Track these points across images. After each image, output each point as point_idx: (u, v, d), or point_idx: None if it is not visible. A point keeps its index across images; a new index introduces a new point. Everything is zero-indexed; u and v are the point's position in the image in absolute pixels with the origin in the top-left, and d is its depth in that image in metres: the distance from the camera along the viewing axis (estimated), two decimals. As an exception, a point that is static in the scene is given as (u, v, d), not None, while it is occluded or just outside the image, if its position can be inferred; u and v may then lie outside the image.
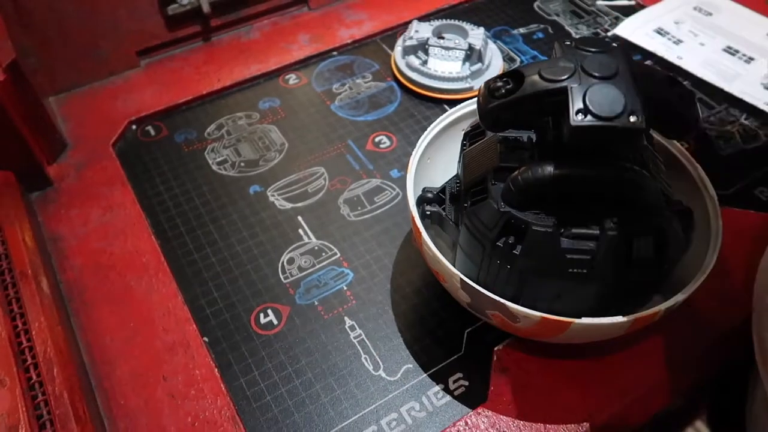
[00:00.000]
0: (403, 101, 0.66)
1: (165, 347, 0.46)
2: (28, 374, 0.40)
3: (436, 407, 0.43)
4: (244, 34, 0.73)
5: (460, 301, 0.42)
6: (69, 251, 0.51)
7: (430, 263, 0.41)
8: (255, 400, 0.43)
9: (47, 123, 0.58)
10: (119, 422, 0.42)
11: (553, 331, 0.38)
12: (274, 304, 0.49)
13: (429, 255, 0.40)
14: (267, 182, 0.58)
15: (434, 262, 0.40)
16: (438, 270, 0.40)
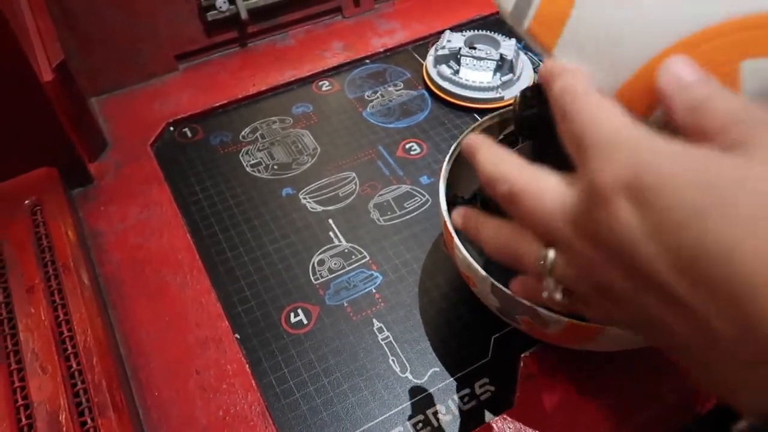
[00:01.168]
0: (434, 109, 0.67)
1: (197, 342, 0.47)
2: (69, 363, 0.42)
3: (462, 411, 0.43)
4: (279, 40, 0.75)
5: (489, 305, 0.43)
6: (108, 246, 0.53)
7: (461, 267, 0.42)
8: (284, 396, 0.44)
9: (90, 122, 0.60)
10: (153, 413, 0.43)
11: (583, 338, 0.38)
12: (304, 304, 0.50)
13: (460, 259, 0.41)
14: (299, 185, 0.59)
15: (465, 266, 0.40)
16: (469, 274, 0.41)
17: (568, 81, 0.24)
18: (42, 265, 0.47)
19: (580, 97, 0.23)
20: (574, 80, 0.24)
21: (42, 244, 0.49)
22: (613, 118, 0.22)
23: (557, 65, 0.26)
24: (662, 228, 0.19)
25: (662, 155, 0.20)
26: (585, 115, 0.23)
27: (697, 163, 0.19)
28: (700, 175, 0.18)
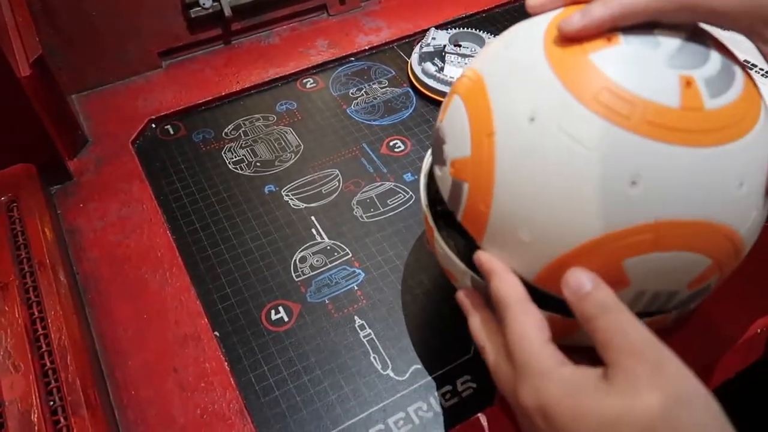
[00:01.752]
0: (418, 107, 0.66)
1: (177, 340, 0.46)
2: (42, 361, 0.41)
3: (444, 408, 0.43)
4: (263, 38, 0.75)
5: None
6: (86, 243, 0.52)
7: (442, 262, 0.42)
8: (264, 394, 0.44)
9: (70, 119, 0.59)
10: (129, 412, 0.42)
11: (562, 331, 0.38)
12: (285, 302, 0.49)
13: (441, 254, 0.40)
14: (282, 182, 0.59)
15: (446, 261, 0.40)
16: (450, 269, 0.40)
17: (500, 288, 0.32)
18: (17, 263, 0.46)
19: (510, 311, 0.31)
20: (504, 287, 0.32)
21: (18, 241, 0.48)
22: (532, 341, 0.30)
23: (489, 262, 0.34)
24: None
25: (557, 386, 0.28)
26: (513, 330, 0.31)
27: (573, 395, 0.27)
28: (576, 409, 0.27)
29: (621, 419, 0.25)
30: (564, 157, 0.30)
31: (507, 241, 0.33)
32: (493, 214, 0.33)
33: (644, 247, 0.30)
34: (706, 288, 0.34)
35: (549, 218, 0.31)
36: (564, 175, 0.30)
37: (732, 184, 0.30)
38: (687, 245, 0.30)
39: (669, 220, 0.29)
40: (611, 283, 0.30)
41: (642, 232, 0.29)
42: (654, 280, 0.31)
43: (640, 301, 0.33)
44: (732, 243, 0.32)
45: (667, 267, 0.31)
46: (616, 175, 0.29)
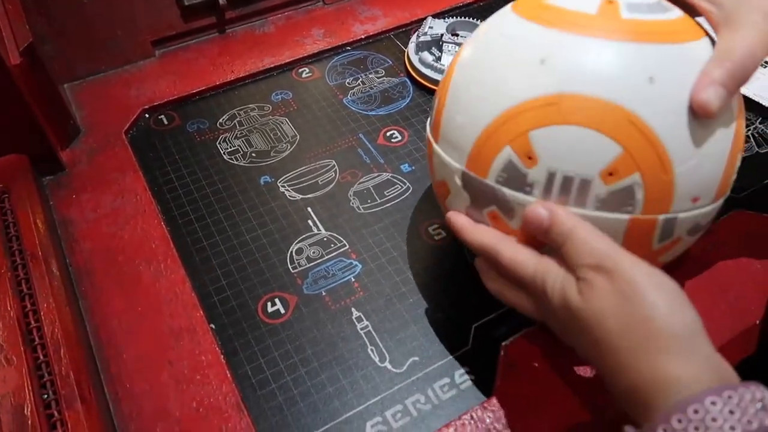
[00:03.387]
0: (415, 97, 0.66)
1: (172, 332, 0.46)
2: (35, 354, 0.40)
3: (442, 400, 0.43)
4: (258, 27, 0.74)
5: (458, 207, 0.40)
6: (79, 235, 0.52)
7: (437, 173, 0.41)
8: (260, 387, 0.43)
9: (62, 108, 0.58)
10: (124, 405, 0.42)
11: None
12: (281, 293, 0.49)
13: (437, 162, 0.40)
14: (277, 173, 0.58)
15: (440, 166, 0.40)
16: (444, 176, 0.39)
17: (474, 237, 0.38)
18: (9, 254, 0.46)
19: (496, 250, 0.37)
20: (478, 235, 0.38)
21: (9, 232, 0.47)
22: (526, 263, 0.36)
23: (456, 219, 0.40)
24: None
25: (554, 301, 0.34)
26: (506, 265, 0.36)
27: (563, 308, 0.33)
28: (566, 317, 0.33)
29: (590, 323, 0.31)
30: (494, 49, 0.37)
31: (449, 131, 0.39)
32: (445, 112, 0.39)
33: (549, 118, 0.33)
34: (629, 192, 0.33)
35: (477, 98, 0.36)
36: (490, 61, 0.37)
37: (640, 77, 0.33)
38: (590, 122, 0.32)
39: (571, 94, 0.33)
40: (524, 158, 0.34)
41: (546, 103, 0.33)
42: (561, 158, 0.33)
43: (553, 186, 0.34)
44: (645, 137, 0.32)
45: (572, 143, 0.33)
46: (528, 57, 0.34)
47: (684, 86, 0.33)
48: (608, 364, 0.31)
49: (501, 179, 0.35)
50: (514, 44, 0.36)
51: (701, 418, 0.26)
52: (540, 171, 0.34)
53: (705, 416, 0.26)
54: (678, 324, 0.30)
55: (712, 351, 0.30)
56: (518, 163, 0.34)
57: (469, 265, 0.50)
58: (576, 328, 0.33)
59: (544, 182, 0.34)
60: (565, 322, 0.34)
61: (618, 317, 0.30)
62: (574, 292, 0.32)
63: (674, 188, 0.34)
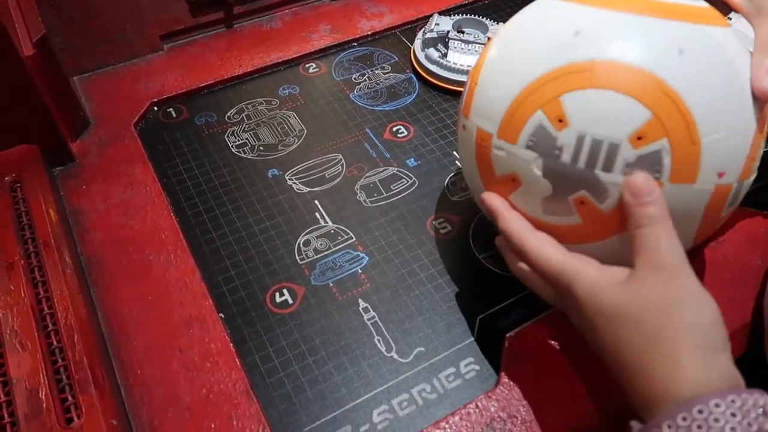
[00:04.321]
0: (421, 93, 0.67)
1: (181, 321, 0.46)
2: (49, 340, 0.41)
3: (447, 390, 0.44)
4: (266, 22, 0.74)
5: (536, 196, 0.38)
6: (89, 225, 0.52)
7: (499, 168, 0.39)
8: (269, 375, 0.44)
9: (72, 100, 0.59)
10: (135, 391, 0.42)
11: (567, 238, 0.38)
12: (289, 284, 0.49)
13: (501, 156, 0.39)
14: (285, 166, 0.59)
15: (508, 160, 0.38)
16: (511, 169, 0.38)
17: (507, 225, 0.39)
18: (22, 243, 0.46)
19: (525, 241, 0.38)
20: (510, 223, 0.39)
21: (22, 221, 0.48)
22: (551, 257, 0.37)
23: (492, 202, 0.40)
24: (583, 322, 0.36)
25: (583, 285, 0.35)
26: (534, 256, 0.37)
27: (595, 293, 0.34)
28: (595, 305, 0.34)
29: (621, 310, 0.32)
30: (528, 26, 0.39)
31: (481, 105, 0.40)
32: (477, 90, 0.40)
33: (581, 82, 0.34)
34: (657, 157, 0.34)
35: (510, 70, 0.38)
36: (525, 35, 0.39)
37: (670, 47, 0.34)
38: (621, 86, 0.34)
39: (604, 60, 0.34)
40: (555, 121, 0.35)
41: (580, 69, 0.35)
42: (591, 121, 0.34)
43: (582, 149, 0.34)
44: (674, 103, 0.33)
45: (602, 107, 0.34)
46: (562, 30, 0.36)
47: (712, 62, 0.35)
48: (627, 361, 0.32)
49: (531, 144, 0.36)
50: (549, 20, 0.38)
51: (704, 418, 0.27)
52: (570, 134, 0.35)
53: (708, 416, 0.27)
54: (709, 338, 0.31)
55: (730, 364, 0.31)
56: (549, 126, 0.35)
57: (476, 259, 0.51)
58: (602, 321, 0.33)
59: (573, 145, 0.35)
60: (589, 315, 0.34)
61: (659, 320, 0.31)
62: (615, 286, 0.33)
63: (701, 158, 0.34)
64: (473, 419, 0.41)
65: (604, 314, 0.33)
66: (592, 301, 0.34)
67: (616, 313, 0.33)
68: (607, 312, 0.33)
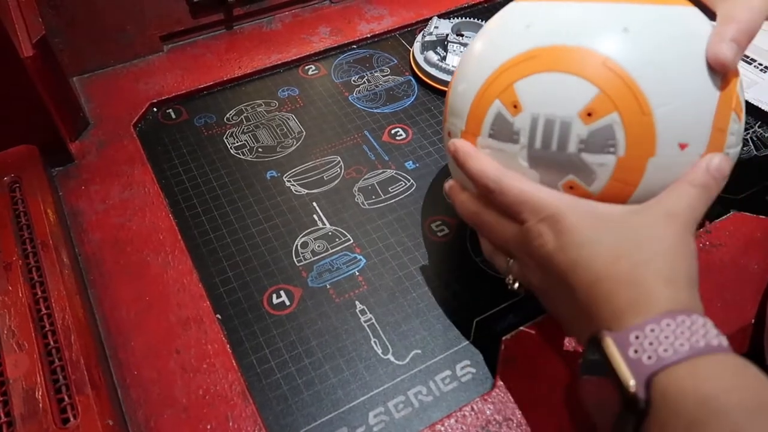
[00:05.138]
0: (420, 95, 0.67)
1: (179, 322, 0.46)
2: (46, 340, 0.41)
3: (443, 392, 0.44)
4: (265, 24, 0.75)
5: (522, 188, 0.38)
6: (88, 225, 0.52)
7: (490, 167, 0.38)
8: (265, 377, 0.44)
9: (72, 101, 0.59)
10: (132, 392, 0.43)
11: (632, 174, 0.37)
12: (286, 286, 0.50)
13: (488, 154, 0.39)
14: (284, 168, 0.59)
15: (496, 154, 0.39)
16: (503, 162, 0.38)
17: (479, 165, 0.38)
18: (20, 243, 0.46)
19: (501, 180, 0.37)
20: (481, 164, 0.38)
21: (20, 221, 0.48)
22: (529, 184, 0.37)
23: (461, 145, 0.40)
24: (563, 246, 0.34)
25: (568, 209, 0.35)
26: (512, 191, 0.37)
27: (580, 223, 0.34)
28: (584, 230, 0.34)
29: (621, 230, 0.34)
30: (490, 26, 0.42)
31: (454, 98, 0.41)
32: (453, 85, 0.42)
33: (530, 68, 0.36)
34: (609, 132, 0.34)
35: (474, 67, 0.40)
36: (486, 35, 0.41)
37: (614, 27, 0.36)
38: (566, 67, 0.35)
39: (550, 46, 0.36)
40: (510, 108, 0.37)
41: (528, 57, 0.36)
42: (542, 103, 0.36)
43: (537, 131, 0.36)
44: (619, 78, 0.34)
45: (551, 88, 0.36)
46: (516, 25, 0.39)
47: (662, 37, 0.36)
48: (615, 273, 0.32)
49: (492, 132, 0.38)
50: (508, 20, 0.41)
51: (656, 335, 0.30)
52: (524, 118, 0.36)
53: (659, 334, 0.30)
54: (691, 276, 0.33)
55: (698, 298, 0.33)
56: (505, 113, 0.37)
57: (473, 262, 0.51)
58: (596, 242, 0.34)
59: (528, 128, 0.36)
60: (578, 241, 0.34)
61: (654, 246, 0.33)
62: (613, 212, 0.35)
63: (656, 130, 0.35)
64: (469, 422, 0.41)
65: (603, 233, 0.33)
66: (591, 223, 0.34)
67: (616, 232, 0.33)
68: (607, 231, 0.34)
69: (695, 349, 0.29)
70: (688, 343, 0.29)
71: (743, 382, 0.28)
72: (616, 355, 0.30)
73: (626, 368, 0.30)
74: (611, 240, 0.33)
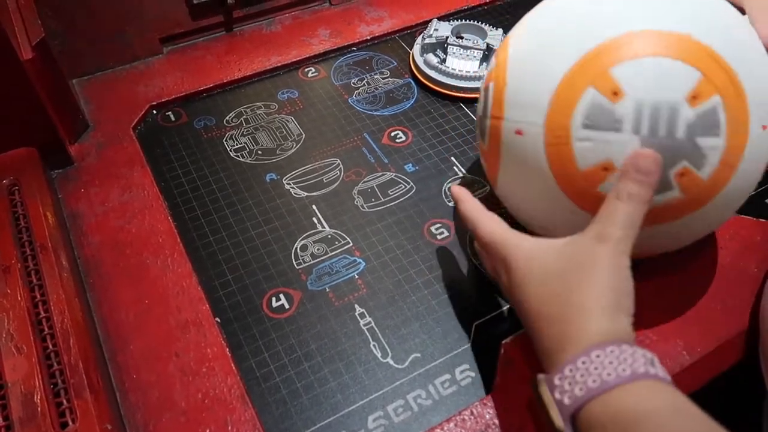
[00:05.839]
0: (420, 98, 0.67)
1: (178, 325, 0.46)
2: (45, 344, 0.41)
3: (443, 396, 0.44)
4: (265, 26, 0.75)
5: None
6: (87, 228, 0.52)
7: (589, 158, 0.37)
8: (264, 380, 0.44)
9: (71, 103, 0.59)
10: (131, 395, 0.43)
11: None
12: (286, 289, 0.49)
13: (588, 147, 0.37)
14: (283, 171, 0.59)
15: (599, 149, 0.36)
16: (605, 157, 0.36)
17: (465, 209, 0.42)
18: (19, 245, 0.46)
19: (477, 221, 0.41)
20: (467, 207, 0.42)
21: (19, 224, 0.48)
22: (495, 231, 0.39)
23: (457, 191, 0.43)
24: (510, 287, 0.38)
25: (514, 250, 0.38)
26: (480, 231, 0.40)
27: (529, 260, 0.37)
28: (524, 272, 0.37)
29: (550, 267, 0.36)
30: (552, 15, 0.40)
31: (521, 93, 0.39)
32: (509, 81, 0.40)
33: (630, 53, 0.35)
34: (714, 114, 0.35)
35: (545, 58, 0.38)
36: (551, 24, 0.40)
37: (694, 12, 0.37)
38: (669, 52, 0.35)
39: (643, 30, 0.35)
40: (609, 95, 0.35)
41: (625, 42, 0.35)
42: (647, 88, 0.35)
43: (642, 117, 0.35)
44: (716, 62, 0.35)
45: (656, 73, 0.35)
46: (588, 9, 0.38)
47: (729, 19, 0.38)
48: (547, 314, 0.35)
49: (588, 122, 0.36)
50: (569, 6, 0.39)
51: (586, 367, 0.31)
52: (627, 104, 0.35)
53: (590, 365, 0.31)
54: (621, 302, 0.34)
55: (630, 327, 0.34)
56: (603, 100, 0.35)
57: (472, 265, 0.51)
58: (532, 281, 0.36)
59: (632, 115, 0.35)
60: (520, 277, 0.37)
61: (578, 275, 0.34)
62: (549, 250, 0.36)
63: (749, 111, 0.36)
64: (468, 426, 0.41)
65: (534, 274, 0.36)
66: (525, 264, 0.36)
67: (545, 270, 0.35)
68: (537, 271, 0.36)
69: (621, 377, 0.30)
70: (615, 372, 0.30)
71: (663, 404, 0.30)
72: (547, 395, 0.33)
73: (555, 408, 0.32)
74: (543, 276, 0.35)
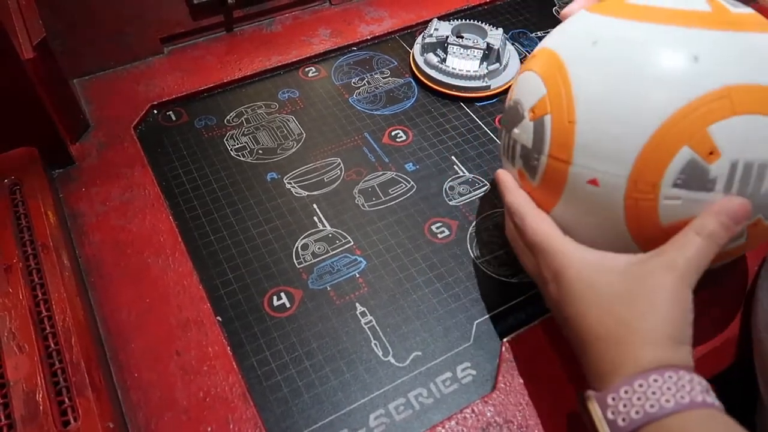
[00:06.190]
0: (420, 97, 0.67)
1: (179, 324, 0.46)
2: (47, 342, 0.41)
3: (444, 394, 0.44)
4: (266, 26, 0.75)
5: None
6: (88, 227, 0.52)
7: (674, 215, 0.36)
8: (266, 379, 0.44)
9: (72, 103, 0.59)
10: (133, 394, 0.43)
11: None
12: (287, 288, 0.50)
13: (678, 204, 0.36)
14: (284, 170, 0.59)
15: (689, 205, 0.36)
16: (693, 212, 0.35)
17: (513, 200, 0.41)
18: (21, 245, 0.46)
19: (526, 217, 0.40)
20: (516, 199, 0.41)
21: (21, 223, 0.48)
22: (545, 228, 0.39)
23: (503, 179, 0.42)
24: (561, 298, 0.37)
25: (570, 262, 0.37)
26: (529, 230, 0.39)
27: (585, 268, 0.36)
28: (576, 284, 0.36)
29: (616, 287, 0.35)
30: (624, 55, 0.36)
31: (598, 140, 0.36)
32: (579, 122, 0.36)
33: (724, 110, 0.34)
34: None
35: (631, 105, 0.35)
36: (629, 66, 0.36)
37: None
38: (763, 108, 0.34)
39: (738, 84, 0.34)
40: (705, 155, 0.34)
41: (718, 97, 0.34)
42: (743, 148, 0.34)
43: (735, 176, 0.34)
44: None
45: (751, 131, 0.34)
46: (676, 57, 0.35)
47: None
48: (605, 333, 0.34)
49: (680, 182, 0.34)
50: (648, 47, 0.36)
51: (644, 391, 0.31)
52: (723, 164, 0.34)
53: (647, 389, 0.31)
54: (682, 331, 0.33)
55: (689, 355, 0.33)
56: (700, 160, 0.34)
57: (473, 263, 0.51)
58: (592, 296, 0.35)
59: (726, 175, 0.34)
60: (577, 291, 0.36)
61: (646, 300, 0.34)
62: (612, 269, 0.35)
63: None
64: (469, 424, 0.42)
65: (595, 293, 0.35)
66: (586, 280, 0.35)
67: (607, 291, 0.35)
68: (599, 290, 0.35)
69: (680, 405, 0.30)
70: (674, 399, 0.30)
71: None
72: (599, 414, 0.32)
73: (606, 428, 0.32)
74: (604, 295, 0.34)
